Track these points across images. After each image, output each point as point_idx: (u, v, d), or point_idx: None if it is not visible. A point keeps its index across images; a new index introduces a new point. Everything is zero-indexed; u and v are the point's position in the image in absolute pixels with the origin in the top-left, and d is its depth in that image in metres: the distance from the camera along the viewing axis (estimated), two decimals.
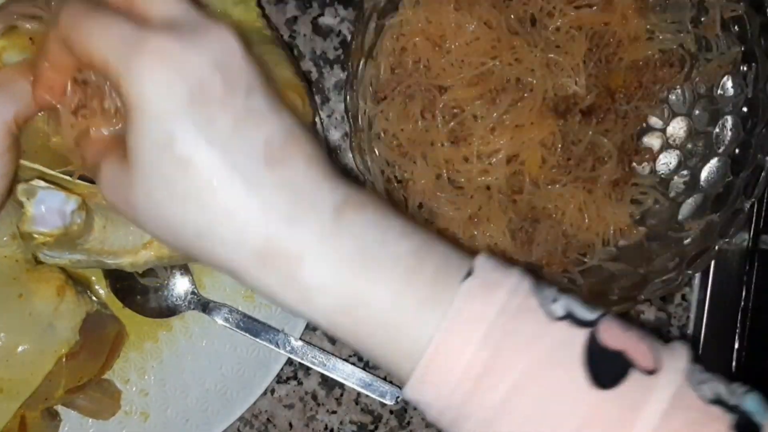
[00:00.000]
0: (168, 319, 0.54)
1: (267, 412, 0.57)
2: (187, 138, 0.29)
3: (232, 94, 0.30)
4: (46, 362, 0.45)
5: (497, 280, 0.31)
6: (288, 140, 0.31)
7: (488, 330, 0.30)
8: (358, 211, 0.31)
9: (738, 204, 0.48)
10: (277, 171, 0.30)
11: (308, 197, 0.31)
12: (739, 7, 0.48)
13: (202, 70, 0.30)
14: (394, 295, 0.30)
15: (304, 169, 0.31)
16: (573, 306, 0.31)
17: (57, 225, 0.39)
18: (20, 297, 0.45)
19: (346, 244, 0.30)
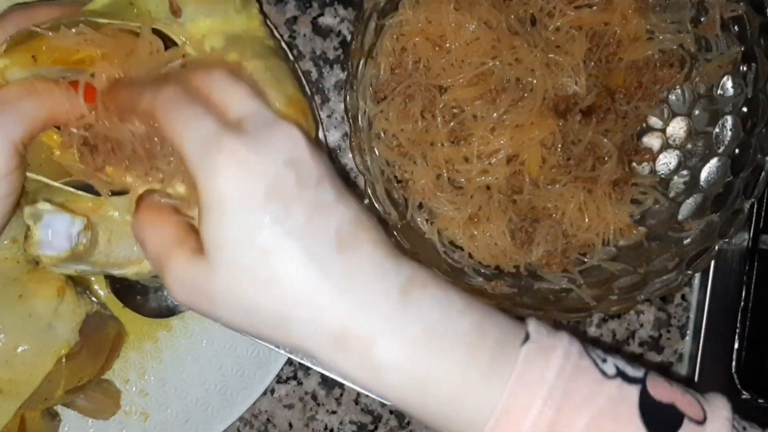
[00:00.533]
0: (168, 319, 0.54)
1: (267, 412, 0.57)
2: (266, 230, 0.32)
3: (304, 188, 0.33)
4: (46, 363, 0.45)
5: (552, 344, 0.34)
6: (356, 226, 0.33)
7: (550, 390, 0.32)
8: (422, 290, 0.33)
9: (738, 204, 0.48)
10: (348, 256, 0.33)
11: (377, 281, 0.33)
12: (739, 7, 0.48)
13: (276, 167, 0.32)
14: (460, 370, 0.33)
15: (371, 253, 0.33)
16: (621, 364, 0.34)
17: (64, 248, 0.39)
18: (20, 298, 0.45)
19: (413, 324, 0.33)
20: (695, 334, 0.57)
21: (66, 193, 0.41)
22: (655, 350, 0.58)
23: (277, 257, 0.32)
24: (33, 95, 0.38)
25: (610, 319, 0.58)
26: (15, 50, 0.39)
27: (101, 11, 0.41)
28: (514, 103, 0.48)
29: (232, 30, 0.43)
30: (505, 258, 0.50)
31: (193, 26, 0.42)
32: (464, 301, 0.34)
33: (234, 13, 0.44)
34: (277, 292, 0.33)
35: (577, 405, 0.32)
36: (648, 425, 0.32)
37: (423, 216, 0.50)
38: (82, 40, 0.40)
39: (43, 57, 0.39)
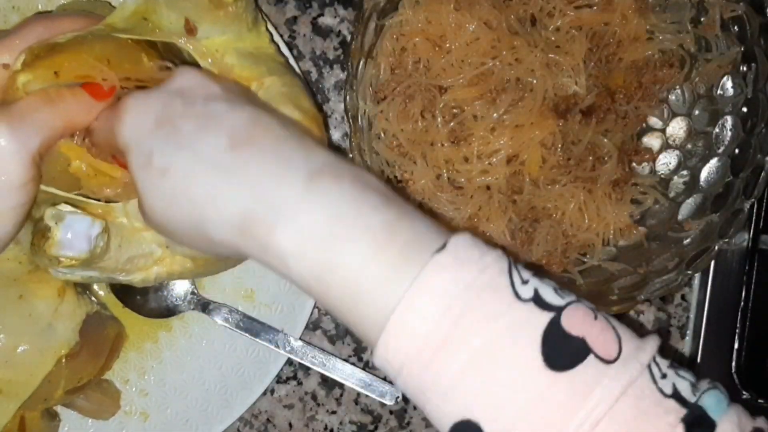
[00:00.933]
0: (168, 319, 0.54)
1: (267, 412, 0.57)
2: (158, 152, 0.35)
3: (191, 105, 0.36)
4: (45, 363, 0.45)
5: (470, 257, 0.32)
6: (253, 126, 0.35)
7: (450, 303, 0.30)
8: (333, 181, 0.33)
9: (738, 204, 0.48)
10: (242, 152, 0.34)
11: (278, 171, 0.34)
12: (739, 8, 0.48)
13: (163, 98, 0.36)
14: (362, 264, 0.32)
15: (271, 146, 0.34)
16: (543, 290, 0.32)
17: (83, 249, 0.40)
18: (20, 298, 0.45)
19: (316, 212, 0.33)
20: (695, 334, 0.57)
21: (77, 203, 0.42)
22: None
23: (174, 171, 0.35)
24: (49, 105, 0.39)
25: None
26: (38, 65, 0.40)
27: (117, 25, 0.42)
28: (514, 103, 0.48)
29: (244, 47, 0.45)
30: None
31: (208, 42, 0.43)
32: (382, 198, 0.33)
33: (246, 31, 0.45)
34: (183, 202, 0.35)
35: (477, 322, 0.30)
36: (545, 355, 0.30)
37: None
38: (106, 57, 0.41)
39: (65, 73, 0.40)
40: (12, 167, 0.37)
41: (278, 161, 0.34)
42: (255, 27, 0.46)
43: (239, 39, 0.45)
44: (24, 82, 0.39)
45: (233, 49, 0.44)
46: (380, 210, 0.33)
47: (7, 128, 0.37)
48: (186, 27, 0.43)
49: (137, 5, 0.42)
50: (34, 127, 0.38)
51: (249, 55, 0.45)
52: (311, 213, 0.33)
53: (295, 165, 0.34)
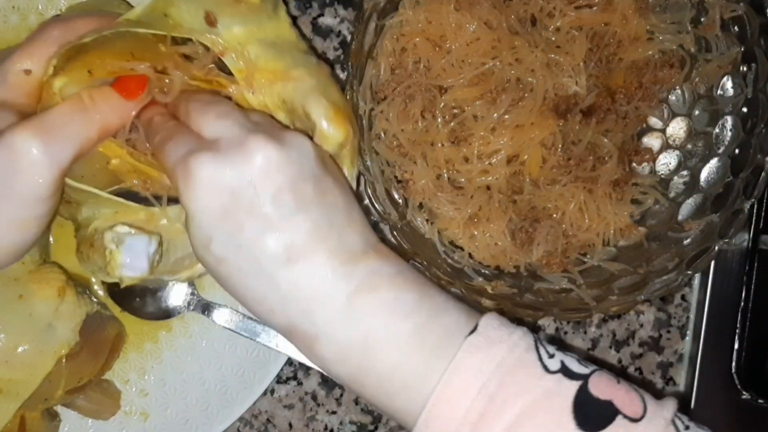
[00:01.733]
0: (167, 320, 0.54)
1: (267, 412, 0.57)
2: (220, 243, 0.37)
3: (259, 205, 0.36)
4: (46, 363, 0.45)
5: (500, 337, 0.36)
6: (310, 237, 0.37)
7: (486, 380, 0.34)
8: (370, 295, 0.37)
9: (738, 204, 0.48)
10: (296, 268, 0.36)
11: (324, 288, 0.37)
12: (739, 8, 0.48)
13: (234, 185, 0.36)
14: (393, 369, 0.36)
15: (322, 263, 0.37)
16: (568, 361, 0.36)
17: (144, 268, 0.42)
18: (20, 298, 0.45)
19: (353, 329, 0.36)
20: (695, 334, 0.57)
21: (114, 203, 0.42)
22: (655, 350, 0.58)
23: (229, 265, 0.37)
24: (82, 113, 0.39)
25: (610, 319, 0.58)
26: (71, 67, 0.40)
27: (137, 20, 0.41)
28: (514, 104, 0.48)
29: (266, 36, 0.44)
30: (505, 258, 0.50)
31: (228, 34, 0.43)
32: (414, 300, 0.37)
33: (266, 20, 0.44)
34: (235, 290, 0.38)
35: (511, 396, 0.34)
36: (578, 418, 0.33)
37: (423, 216, 0.50)
38: (129, 52, 0.41)
39: (98, 70, 0.40)
40: (42, 180, 0.37)
41: (325, 282, 0.37)
42: (275, 14, 0.45)
43: (260, 29, 0.44)
44: (60, 86, 0.39)
45: (255, 39, 0.43)
46: (412, 315, 0.37)
47: (40, 142, 0.37)
48: (207, 20, 0.42)
49: (155, 1, 0.42)
50: (67, 140, 0.38)
51: (272, 44, 0.44)
52: (348, 331, 0.36)
53: (340, 285, 0.37)
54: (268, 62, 0.43)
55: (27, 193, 0.37)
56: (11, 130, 0.37)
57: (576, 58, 0.49)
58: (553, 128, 0.48)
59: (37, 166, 0.37)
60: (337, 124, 0.42)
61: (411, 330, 0.36)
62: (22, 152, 0.36)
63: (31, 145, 0.36)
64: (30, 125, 0.37)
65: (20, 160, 0.36)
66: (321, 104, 0.42)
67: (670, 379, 0.58)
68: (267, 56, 0.43)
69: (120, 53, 0.41)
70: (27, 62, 0.40)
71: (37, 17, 0.49)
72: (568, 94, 0.49)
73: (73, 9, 0.49)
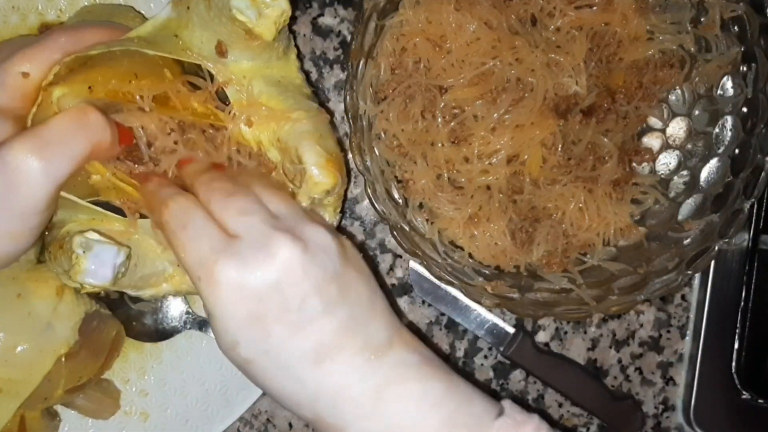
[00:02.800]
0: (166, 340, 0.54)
1: (267, 412, 0.57)
2: (247, 347, 0.37)
3: (286, 310, 0.36)
4: (45, 362, 0.45)
5: (524, 420, 0.38)
6: (335, 339, 0.37)
7: None
8: (399, 386, 0.37)
9: (738, 204, 0.48)
10: (323, 368, 0.37)
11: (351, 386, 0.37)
12: (739, 8, 0.48)
13: (260, 291, 0.36)
14: None
15: (349, 361, 0.37)
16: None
17: (107, 278, 0.41)
18: (19, 297, 0.45)
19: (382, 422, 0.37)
20: (695, 334, 0.57)
21: (92, 212, 0.42)
22: (655, 350, 0.58)
23: (257, 367, 0.38)
24: (83, 129, 0.38)
25: (610, 319, 0.58)
26: (73, 80, 0.40)
27: (146, 38, 0.42)
28: (514, 103, 0.48)
29: (272, 74, 0.45)
30: (505, 258, 0.50)
31: (236, 66, 0.43)
32: (442, 390, 0.38)
33: (275, 59, 0.45)
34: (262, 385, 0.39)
35: None
36: None
37: (423, 216, 0.50)
38: (133, 72, 0.41)
39: (98, 88, 0.40)
40: (38, 195, 0.37)
41: (353, 379, 0.37)
42: (285, 55, 0.45)
43: (267, 66, 0.44)
44: (59, 96, 0.39)
45: (261, 75, 0.44)
46: (441, 405, 0.38)
47: (39, 158, 0.36)
48: (218, 49, 0.43)
49: (168, 18, 0.42)
50: (65, 155, 0.37)
51: (277, 83, 0.44)
52: (378, 424, 0.37)
53: (367, 380, 0.37)
54: (270, 99, 0.44)
55: (23, 207, 0.37)
56: (9, 144, 0.36)
57: (576, 58, 0.49)
58: (553, 128, 0.48)
59: (35, 182, 0.36)
60: (327, 172, 0.42)
61: (443, 420, 0.37)
62: (20, 168, 0.36)
63: (29, 161, 0.36)
64: (28, 140, 0.36)
65: (18, 176, 0.36)
66: (314, 150, 0.42)
67: (670, 379, 0.58)
68: (270, 93, 0.44)
69: (124, 73, 0.41)
70: (27, 65, 0.39)
71: (36, 17, 0.49)
72: (569, 94, 0.49)
73: (82, 15, 0.48)
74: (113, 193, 0.43)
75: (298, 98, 0.45)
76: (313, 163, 0.42)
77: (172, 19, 0.42)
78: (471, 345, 0.57)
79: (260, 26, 0.41)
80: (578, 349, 0.58)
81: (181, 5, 0.43)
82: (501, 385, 0.58)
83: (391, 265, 0.56)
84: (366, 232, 0.56)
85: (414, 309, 0.57)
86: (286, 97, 0.44)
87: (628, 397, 0.57)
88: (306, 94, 0.46)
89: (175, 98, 0.42)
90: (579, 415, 0.58)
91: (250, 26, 0.41)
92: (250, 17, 0.40)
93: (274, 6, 0.41)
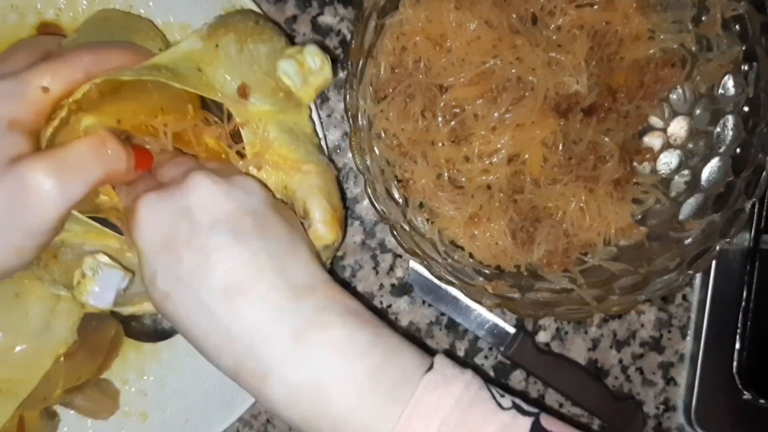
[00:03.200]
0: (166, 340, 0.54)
1: (267, 413, 0.57)
2: (163, 277, 0.37)
3: (195, 235, 0.37)
4: (44, 362, 0.45)
5: (454, 375, 0.37)
6: (248, 271, 0.36)
7: (445, 417, 0.35)
8: (319, 333, 0.36)
9: (739, 204, 0.48)
10: (236, 301, 0.36)
11: (267, 323, 0.36)
12: (740, 6, 0.48)
13: (171, 218, 0.37)
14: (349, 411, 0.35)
15: (262, 297, 0.36)
16: (518, 401, 0.37)
17: (109, 302, 0.42)
18: (17, 296, 0.45)
19: (304, 368, 0.36)
20: (696, 334, 0.57)
21: (89, 225, 0.43)
22: (656, 350, 0.58)
23: (174, 300, 0.37)
24: (101, 158, 0.39)
25: (611, 319, 0.58)
26: (103, 110, 0.40)
27: (170, 66, 0.42)
28: (515, 102, 0.48)
29: (285, 120, 0.45)
30: (506, 258, 0.50)
31: (253, 108, 0.44)
32: (368, 340, 0.37)
33: (292, 106, 0.45)
34: (182, 326, 0.38)
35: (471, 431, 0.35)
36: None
37: (423, 216, 0.50)
38: (160, 107, 0.42)
39: (127, 121, 0.41)
40: (51, 215, 0.37)
41: (267, 317, 0.36)
42: (299, 103, 0.46)
43: (282, 112, 0.45)
44: (87, 125, 0.39)
45: (275, 120, 0.44)
46: (366, 356, 0.36)
47: (55, 180, 0.36)
48: (240, 91, 0.43)
49: (191, 50, 0.43)
50: (81, 179, 0.38)
51: (289, 130, 0.45)
52: (298, 370, 0.36)
53: (285, 320, 0.36)
54: (282, 147, 0.44)
55: (34, 225, 0.37)
56: (27, 162, 0.36)
57: (577, 57, 0.48)
58: (554, 127, 0.48)
59: (49, 203, 0.37)
60: (331, 228, 0.43)
61: (367, 371, 0.36)
62: (36, 187, 0.36)
63: (45, 182, 0.36)
64: (46, 160, 0.37)
65: (32, 195, 0.36)
66: (322, 207, 0.43)
67: (671, 379, 0.58)
68: (282, 140, 0.44)
69: (152, 108, 0.42)
70: (48, 80, 0.39)
71: (35, 16, 0.49)
72: (569, 93, 0.49)
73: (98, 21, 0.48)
74: (113, 212, 0.43)
75: (309, 148, 0.46)
76: (320, 220, 0.43)
77: (195, 50, 0.43)
78: (471, 345, 0.57)
79: (302, 91, 0.43)
80: (579, 349, 0.58)
81: (210, 41, 0.43)
82: (501, 385, 0.58)
83: (391, 265, 0.56)
84: (366, 232, 0.56)
85: (414, 309, 0.57)
86: (298, 146, 0.45)
87: (629, 398, 0.57)
88: (315, 143, 0.47)
89: (192, 133, 0.43)
90: (580, 416, 0.58)
91: (293, 90, 0.43)
92: (295, 82, 0.43)
93: (319, 75, 0.43)
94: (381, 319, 0.39)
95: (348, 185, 0.55)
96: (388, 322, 0.56)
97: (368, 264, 0.56)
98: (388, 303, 0.56)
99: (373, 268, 0.56)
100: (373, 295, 0.56)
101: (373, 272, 0.56)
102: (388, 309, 0.56)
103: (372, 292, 0.56)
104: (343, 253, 0.56)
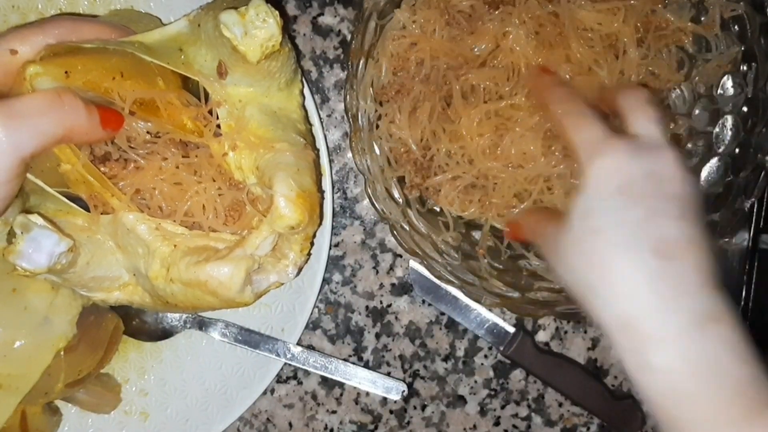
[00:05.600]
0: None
1: (267, 412, 0.57)
2: (602, 216, 0.38)
3: (651, 197, 0.38)
4: (44, 356, 0.45)
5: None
6: (682, 243, 0.37)
7: None
8: (717, 324, 0.36)
9: (738, 204, 0.48)
10: (661, 264, 0.37)
11: (678, 297, 0.36)
12: (739, 7, 0.48)
13: (635, 173, 0.38)
14: (720, 409, 0.35)
15: (685, 271, 0.37)
16: None
17: (41, 265, 0.40)
18: (14, 291, 0.45)
19: (695, 352, 0.36)
20: None
21: (59, 202, 0.42)
22: None
23: (601, 240, 0.38)
24: (55, 110, 0.38)
25: None
26: (50, 61, 0.39)
27: (150, 45, 0.41)
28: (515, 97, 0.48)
29: (269, 104, 0.44)
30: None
31: (234, 90, 0.43)
32: (752, 350, 0.36)
33: (276, 90, 0.44)
34: (591, 265, 0.38)
35: None
36: None
37: (423, 214, 0.50)
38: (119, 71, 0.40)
39: (76, 75, 0.39)
40: (1, 164, 0.36)
41: (682, 289, 0.36)
42: (287, 88, 0.45)
43: (266, 95, 0.44)
44: (32, 73, 0.39)
45: (257, 103, 0.43)
46: (752, 364, 0.36)
47: (3, 128, 0.36)
48: (218, 69, 0.42)
49: (179, 32, 0.42)
50: (32, 131, 0.37)
51: (272, 113, 0.44)
52: (690, 352, 0.35)
53: (694, 301, 0.36)
54: (259, 127, 0.43)
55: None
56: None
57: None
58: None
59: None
60: (294, 207, 0.41)
61: (748, 376, 0.36)
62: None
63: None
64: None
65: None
66: (286, 183, 0.41)
67: None
68: (261, 121, 0.43)
69: (108, 68, 0.40)
70: (17, 44, 0.39)
71: (36, 16, 0.50)
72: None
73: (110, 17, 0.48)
74: (83, 186, 0.42)
75: (288, 132, 0.44)
76: (282, 194, 0.41)
77: (182, 33, 0.42)
78: (471, 345, 0.57)
79: (245, 45, 0.40)
80: (578, 348, 0.58)
81: (194, 22, 0.42)
82: (501, 384, 0.58)
83: (391, 264, 0.56)
84: (366, 231, 0.56)
85: (414, 309, 0.57)
86: (276, 128, 0.43)
87: (628, 397, 0.57)
88: (300, 130, 0.45)
89: (164, 108, 0.42)
90: (579, 415, 0.58)
91: (235, 43, 0.40)
92: (235, 34, 0.40)
93: (262, 28, 0.40)
94: (381, 318, 0.39)
95: (348, 185, 0.56)
96: (388, 322, 0.57)
97: (368, 263, 0.56)
98: (388, 302, 0.57)
99: (373, 267, 0.56)
100: (373, 294, 0.56)
101: (373, 272, 0.56)
102: (388, 308, 0.57)
103: (372, 292, 0.56)
104: (343, 252, 0.56)
